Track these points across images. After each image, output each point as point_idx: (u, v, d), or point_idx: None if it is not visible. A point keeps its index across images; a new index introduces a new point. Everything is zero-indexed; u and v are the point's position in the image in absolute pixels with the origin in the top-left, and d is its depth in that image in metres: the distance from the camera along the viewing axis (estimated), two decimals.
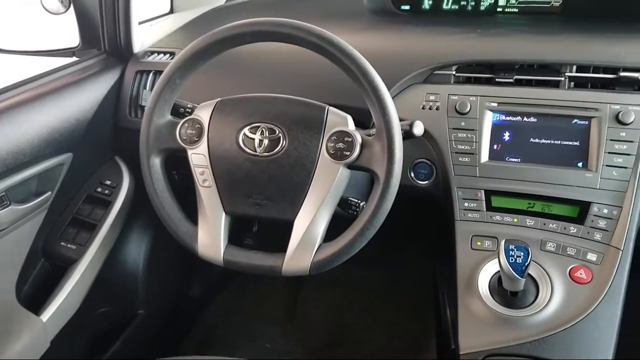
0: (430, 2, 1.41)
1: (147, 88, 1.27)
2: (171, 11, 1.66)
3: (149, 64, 1.30)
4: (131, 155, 1.06)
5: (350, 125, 0.93)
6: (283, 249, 0.93)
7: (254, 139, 0.94)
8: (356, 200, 1.00)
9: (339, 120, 0.93)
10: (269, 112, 0.95)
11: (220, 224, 0.96)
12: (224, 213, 0.96)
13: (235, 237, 1.00)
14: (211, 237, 0.96)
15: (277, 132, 0.93)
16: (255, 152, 0.93)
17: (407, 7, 1.43)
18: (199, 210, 0.98)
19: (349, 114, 0.95)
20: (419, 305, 1.75)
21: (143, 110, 0.99)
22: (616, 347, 0.91)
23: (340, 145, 0.91)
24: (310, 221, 0.92)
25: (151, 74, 1.29)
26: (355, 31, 1.27)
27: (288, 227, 0.94)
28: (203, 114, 0.97)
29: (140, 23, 1.36)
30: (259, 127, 0.94)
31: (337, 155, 0.91)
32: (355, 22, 1.32)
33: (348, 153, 0.90)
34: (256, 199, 0.94)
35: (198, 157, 0.96)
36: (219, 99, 0.99)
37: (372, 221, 0.89)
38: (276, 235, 0.97)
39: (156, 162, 0.98)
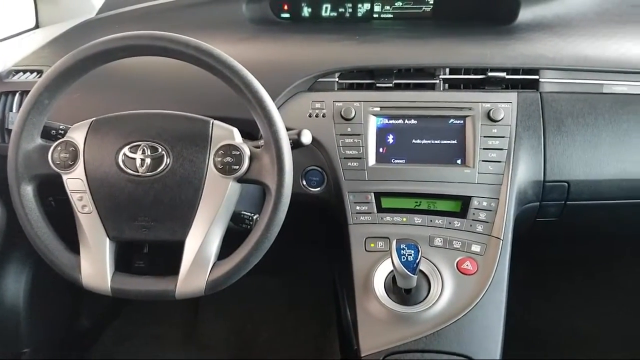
0: (310, 10, 1.43)
1: (14, 110, 1.18)
2: (37, 26, 1.55)
3: (14, 84, 1.21)
4: (0, 183, 0.97)
5: (237, 138, 0.92)
6: (179, 267, 0.90)
7: (135, 159, 0.89)
8: (249, 214, 0.98)
9: (225, 134, 0.92)
10: (150, 130, 0.91)
11: (105, 251, 0.91)
12: (107, 239, 0.91)
13: (126, 260, 0.95)
14: (95, 266, 0.91)
15: (160, 150, 0.89)
16: (138, 172, 0.89)
17: (287, 15, 1.44)
18: (80, 239, 0.92)
19: (235, 126, 0.93)
20: (320, 309, 1.76)
21: (10, 135, 0.92)
22: (504, 331, 0.97)
23: (228, 159, 0.89)
24: (202, 240, 0.89)
25: (17, 94, 1.19)
26: (236, 41, 1.25)
27: (180, 247, 0.90)
28: (77, 136, 0.92)
29: (1, 40, 1.27)
30: (139, 145, 0.90)
31: (225, 170, 0.89)
32: (235, 32, 1.30)
33: (237, 167, 0.89)
34: (142, 221, 0.90)
35: (75, 182, 0.90)
36: (94, 118, 0.93)
37: (267, 234, 0.87)
38: (171, 253, 0.93)
39: (28, 190, 0.91)
